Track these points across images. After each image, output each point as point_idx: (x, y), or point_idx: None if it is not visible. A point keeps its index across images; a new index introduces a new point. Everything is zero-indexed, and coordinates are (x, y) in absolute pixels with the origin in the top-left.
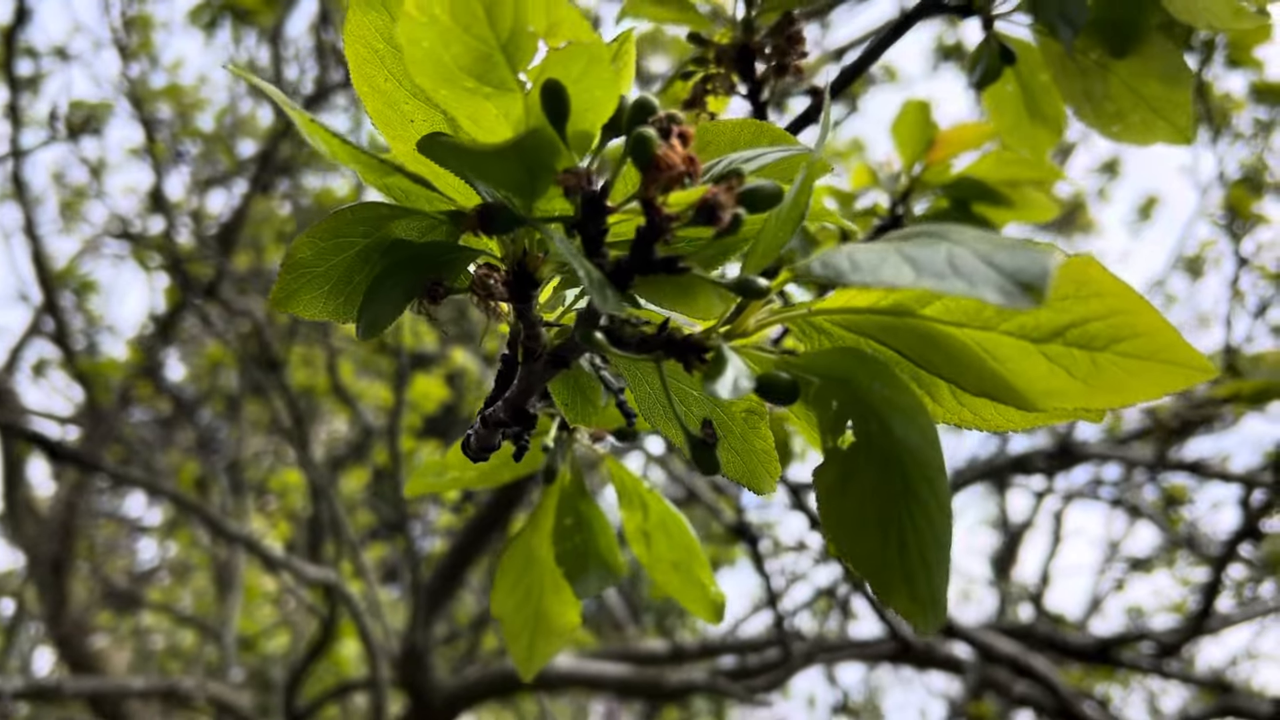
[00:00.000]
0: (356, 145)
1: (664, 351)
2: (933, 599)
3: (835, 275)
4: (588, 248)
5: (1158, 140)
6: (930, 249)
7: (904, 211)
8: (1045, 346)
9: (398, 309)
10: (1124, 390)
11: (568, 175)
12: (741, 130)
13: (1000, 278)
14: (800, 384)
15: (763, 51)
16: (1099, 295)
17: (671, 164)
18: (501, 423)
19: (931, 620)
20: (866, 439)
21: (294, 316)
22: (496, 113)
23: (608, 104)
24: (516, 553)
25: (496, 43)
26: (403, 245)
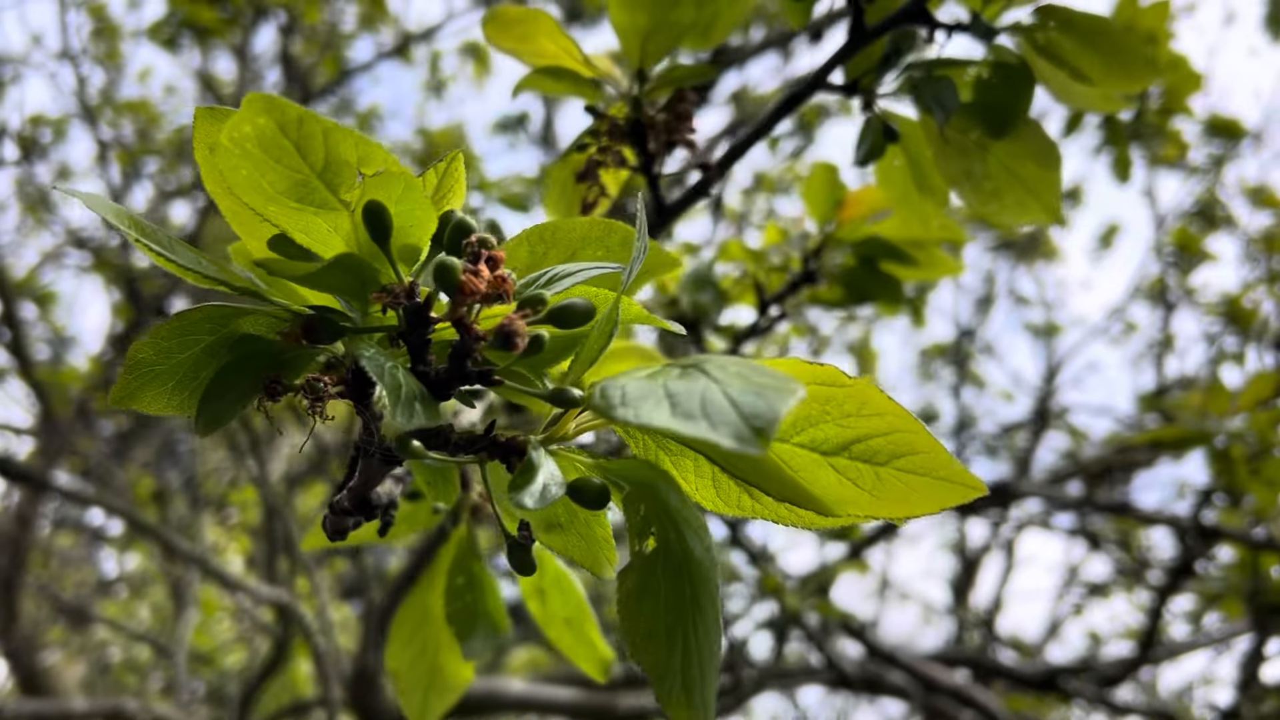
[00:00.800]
0: (186, 265)
1: (488, 453)
2: (705, 707)
3: (607, 408)
4: (413, 356)
5: (1031, 220)
6: (690, 385)
7: (816, 267)
8: (834, 459)
9: (238, 405)
10: (906, 502)
11: (382, 294)
12: (591, 228)
13: (738, 421)
14: (613, 489)
15: (654, 126)
16: (879, 414)
17: (475, 289)
18: (347, 511)
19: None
20: (665, 547)
21: None
22: (327, 227)
23: (428, 223)
24: (412, 608)
25: (312, 172)
26: (249, 340)
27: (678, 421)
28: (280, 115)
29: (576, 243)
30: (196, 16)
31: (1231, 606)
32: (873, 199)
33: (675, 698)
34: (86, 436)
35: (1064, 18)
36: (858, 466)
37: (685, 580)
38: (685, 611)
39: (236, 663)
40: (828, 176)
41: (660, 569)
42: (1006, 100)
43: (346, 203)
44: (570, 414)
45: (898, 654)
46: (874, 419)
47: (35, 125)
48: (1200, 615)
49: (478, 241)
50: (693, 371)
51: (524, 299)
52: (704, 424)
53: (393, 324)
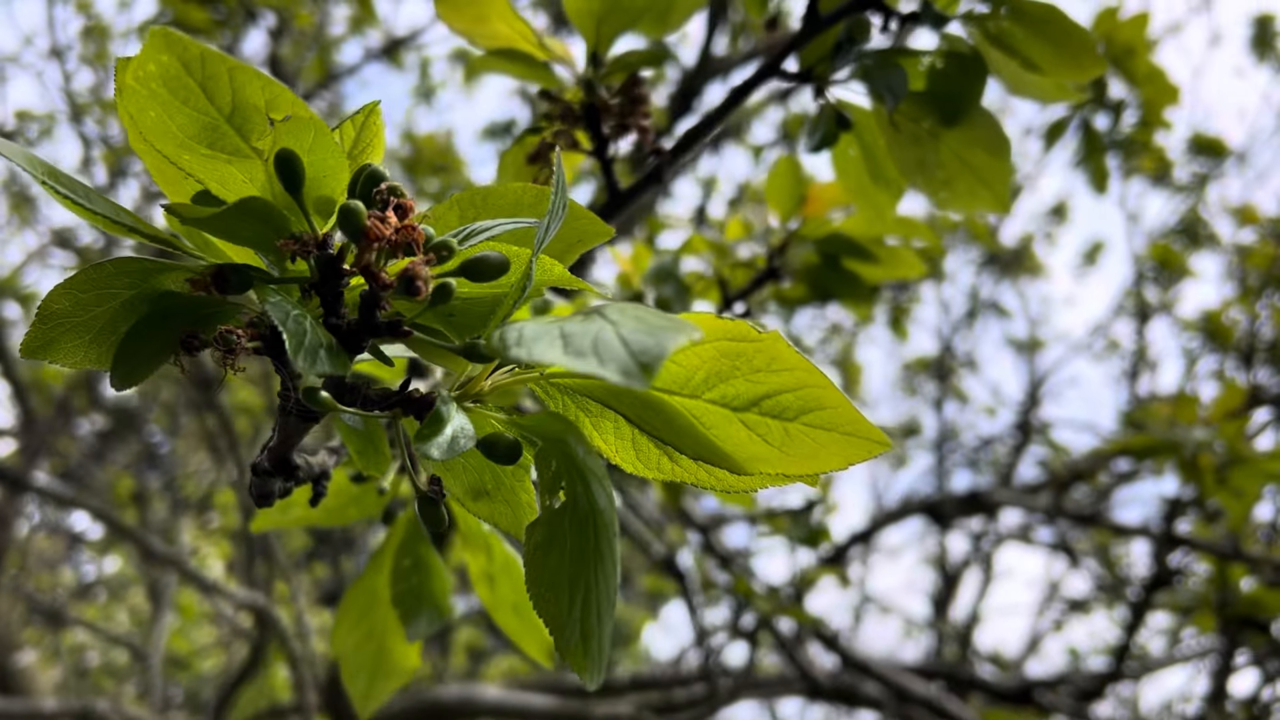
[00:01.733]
0: (97, 211)
1: (403, 409)
2: (600, 654)
3: (502, 349)
4: (326, 308)
5: (979, 208)
6: (585, 326)
7: (780, 264)
8: (744, 415)
9: (155, 361)
10: (815, 458)
11: (289, 241)
12: (523, 195)
13: (626, 358)
14: (525, 444)
15: (608, 110)
16: (789, 369)
17: (380, 235)
18: (268, 471)
19: (598, 674)
20: (573, 500)
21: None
22: (242, 177)
23: (342, 173)
24: (360, 592)
25: (220, 116)
26: (170, 297)
27: (568, 358)
28: (183, 52)
29: (509, 209)
30: (187, 17)
31: (1203, 620)
32: (835, 195)
33: (574, 647)
34: (67, 436)
35: (1015, 6)
36: (767, 422)
37: (590, 530)
38: (588, 561)
39: (214, 667)
40: (791, 172)
41: (567, 521)
42: (959, 89)
43: (259, 150)
44: (484, 370)
45: (871, 664)
46: (783, 374)
47: (21, 120)
48: (1178, 631)
49: (387, 190)
50: (593, 315)
51: (429, 246)
52: (593, 360)
53: (304, 275)
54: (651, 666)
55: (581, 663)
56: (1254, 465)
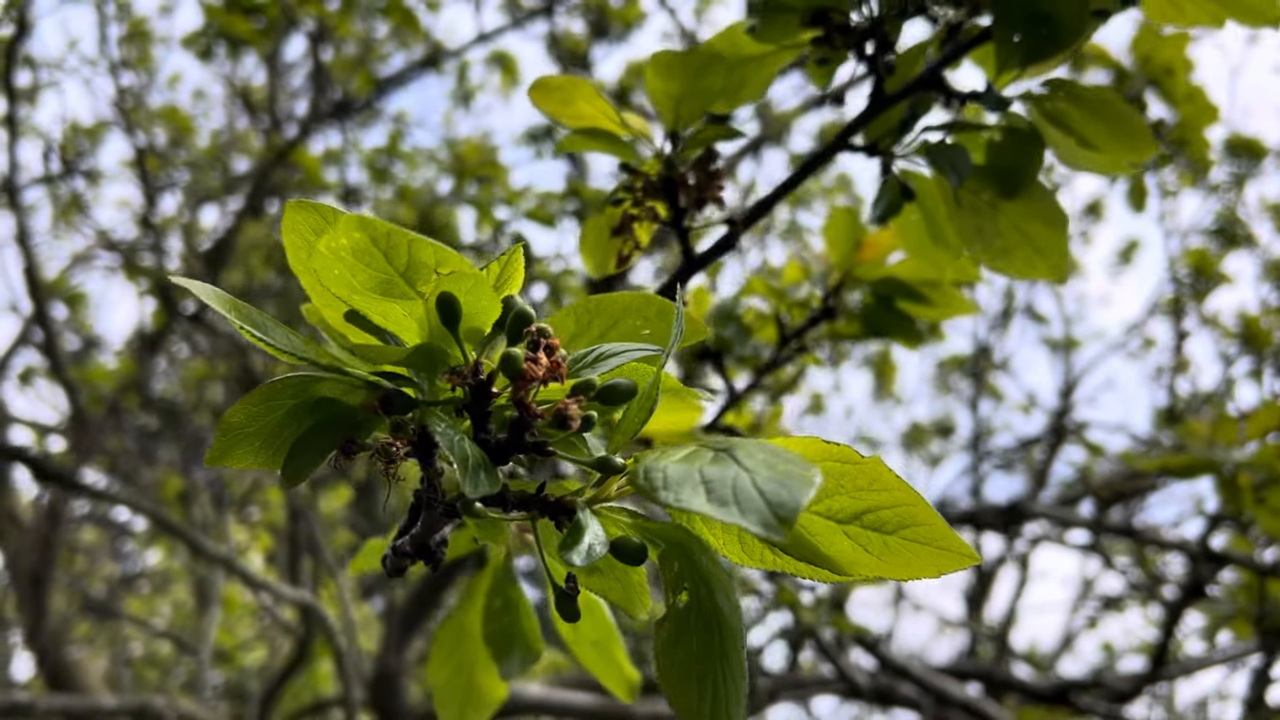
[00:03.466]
0: (278, 346)
1: (539, 511)
2: None
3: (651, 490)
4: (475, 425)
5: (1037, 276)
6: (723, 471)
7: (835, 304)
8: (847, 527)
9: (317, 462)
10: (909, 567)
11: (453, 375)
12: (631, 301)
13: (765, 509)
14: (650, 547)
15: (686, 184)
16: (887, 489)
17: (535, 375)
18: (408, 555)
19: None
20: (696, 601)
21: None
22: (403, 312)
23: (492, 311)
24: (451, 627)
25: (396, 272)
26: (327, 404)
27: (713, 508)
28: (372, 231)
29: (618, 313)
30: (231, 28)
31: (1240, 627)
32: (890, 242)
33: None
34: (116, 435)
35: (1072, 90)
36: (868, 534)
37: (714, 632)
38: (714, 660)
39: (256, 661)
40: (848, 219)
41: (692, 621)
42: (1017, 164)
43: (422, 294)
44: (613, 479)
45: (909, 666)
46: (882, 493)
47: (75, 134)
48: (1214, 632)
49: (536, 331)
50: (724, 457)
51: (576, 385)
52: (735, 510)
53: (457, 397)
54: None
55: None
56: None
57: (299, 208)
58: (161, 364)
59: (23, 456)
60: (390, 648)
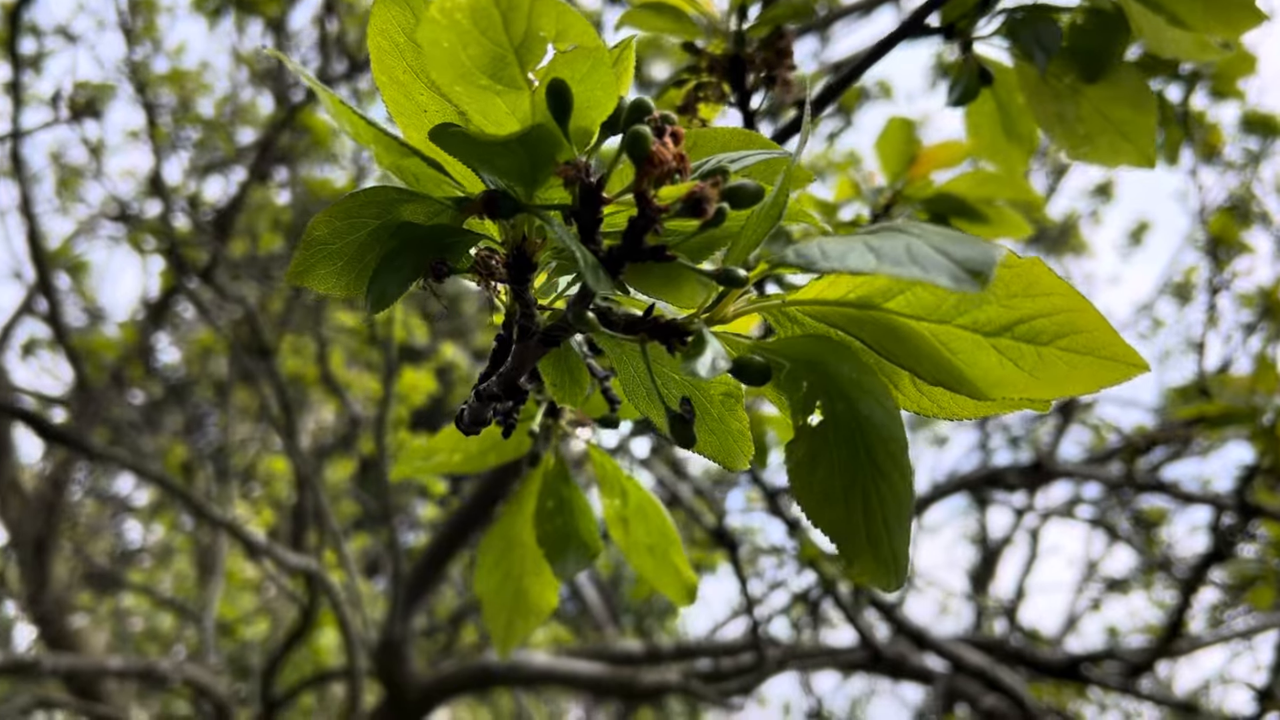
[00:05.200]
0: (379, 127)
1: (648, 334)
2: (895, 559)
3: (807, 263)
4: (583, 235)
5: (1123, 162)
6: (892, 240)
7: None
8: (996, 340)
9: (404, 285)
10: (1066, 382)
11: (568, 167)
12: (731, 137)
13: (952, 265)
14: (773, 366)
15: (753, 63)
16: (1046, 294)
17: (664, 159)
18: (494, 396)
19: (895, 578)
20: (833, 417)
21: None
22: (505, 108)
23: (607, 103)
24: (498, 535)
25: (510, 45)
26: (410, 227)
27: (887, 266)
28: None
29: (717, 149)
30: None
31: (1262, 595)
32: (945, 156)
33: (860, 552)
34: (119, 405)
35: None
36: (1019, 347)
37: (859, 445)
38: (862, 471)
39: (257, 634)
40: (903, 132)
41: (831, 436)
42: (1100, 45)
43: (531, 81)
44: (731, 296)
45: (926, 634)
46: (1040, 299)
47: (83, 89)
48: (1221, 611)
49: (660, 118)
50: (888, 231)
51: (708, 170)
52: (916, 268)
53: (563, 202)
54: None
55: (871, 568)
56: None
57: (389, 4)
58: (166, 334)
59: (27, 416)
60: (396, 617)
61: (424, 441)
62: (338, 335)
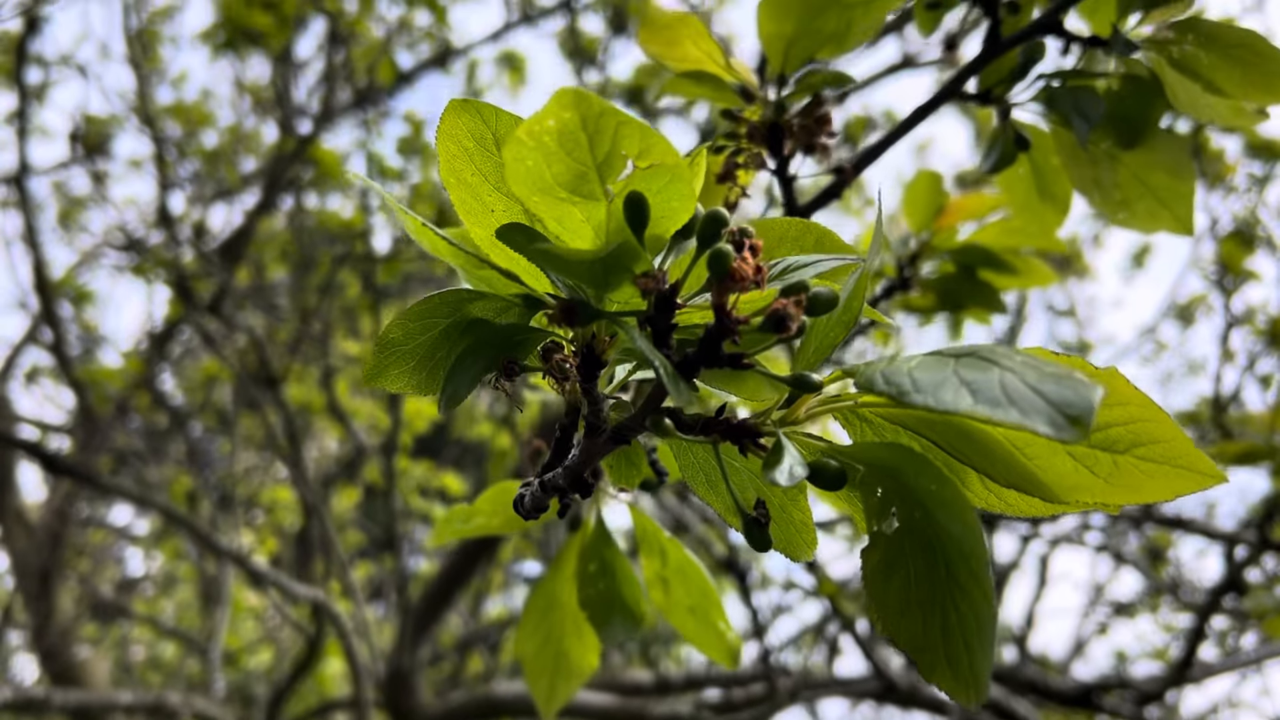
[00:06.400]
0: (460, 247)
1: (721, 435)
2: (975, 679)
3: (898, 394)
4: (656, 339)
5: (1161, 229)
6: (984, 373)
7: (911, 274)
8: (1071, 447)
9: (475, 383)
10: (1141, 490)
11: (647, 279)
12: (788, 228)
13: (1050, 409)
14: (848, 471)
15: (791, 130)
16: (1122, 404)
17: (744, 275)
18: (560, 488)
19: (975, 695)
20: (910, 526)
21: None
22: (581, 216)
23: (683, 214)
24: (539, 596)
25: (593, 163)
26: (481, 325)
27: (983, 408)
28: (585, 109)
29: (774, 241)
30: (250, 21)
31: (1276, 625)
32: (973, 207)
33: (939, 670)
34: (123, 434)
35: (1205, 31)
36: (1095, 454)
37: (938, 557)
38: (941, 587)
39: (261, 664)
40: (931, 184)
41: (907, 546)
42: (1137, 112)
43: (609, 192)
44: (803, 400)
45: None
46: (1117, 408)
47: (91, 125)
48: (1228, 636)
49: (739, 231)
50: (975, 360)
51: (789, 286)
52: (1014, 411)
53: (639, 309)
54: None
55: (950, 685)
56: None
57: (461, 109)
58: (170, 363)
59: (33, 449)
60: (404, 646)
61: (458, 507)
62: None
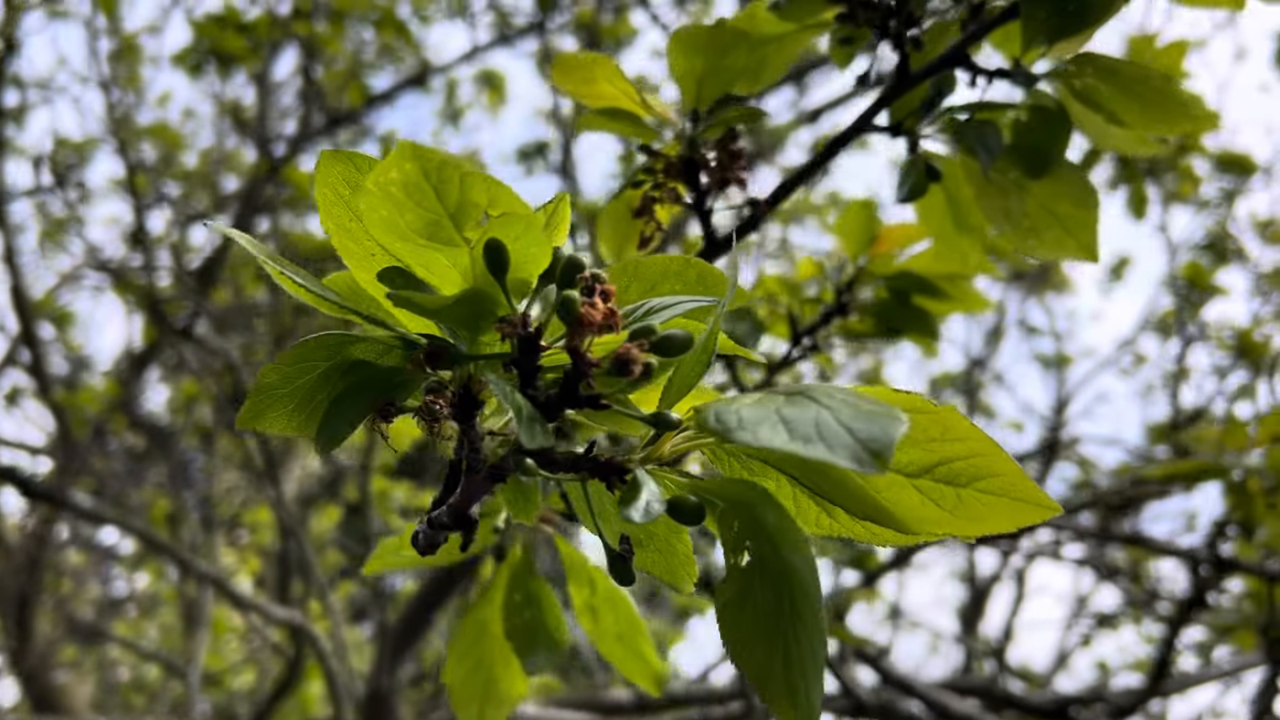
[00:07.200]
0: (318, 293)
1: (589, 472)
2: (810, 706)
3: (725, 431)
4: (523, 380)
5: (1067, 256)
6: (804, 410)
7: (849, 300)
8: (917, 481)
9: (353, 426)
10: (984, 521)
11: (504, 324)
12: (670, 264)
13: (855, 445)
14: (707, 506)
15: (707, 165)
16: (961, 439)
17: (592, 320)
18: (445, 525)
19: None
20: (761, 560)
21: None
22: (446, 261)
23: (542, 259)
24: (469, 625)
25: (444, 212)
26: (363, 366)
27: (796, 444)
28: (425, 161)
29: (656, 276)
30: (223, 44)
31: (1244, 638)
32: (906, 234)
33: (779, 699)
34: (102, 456)
35: (1104, 65)
36: (940, 488)
37: (784, 591)
38: (784, 619)
39: (244, 684)
40: (864, 212)
41: (757, 580)
42: (1044, 142)
43: (468, 240)
44: (667, 437)
45: (913, 683)
46: (956, 444)
47: (63, 150)
48: (1210, 647)
49: (591, 277)
50: (800, 399)
51: (636, 330)
52: (821, 446)
53: (503, 352)
54: (680, 683)
55: (789, 713)
56: None
57: (333, 159)
58: (149, 385)
59: (11, 475)
60: (382, 668)
61: (395, 538)
62: None
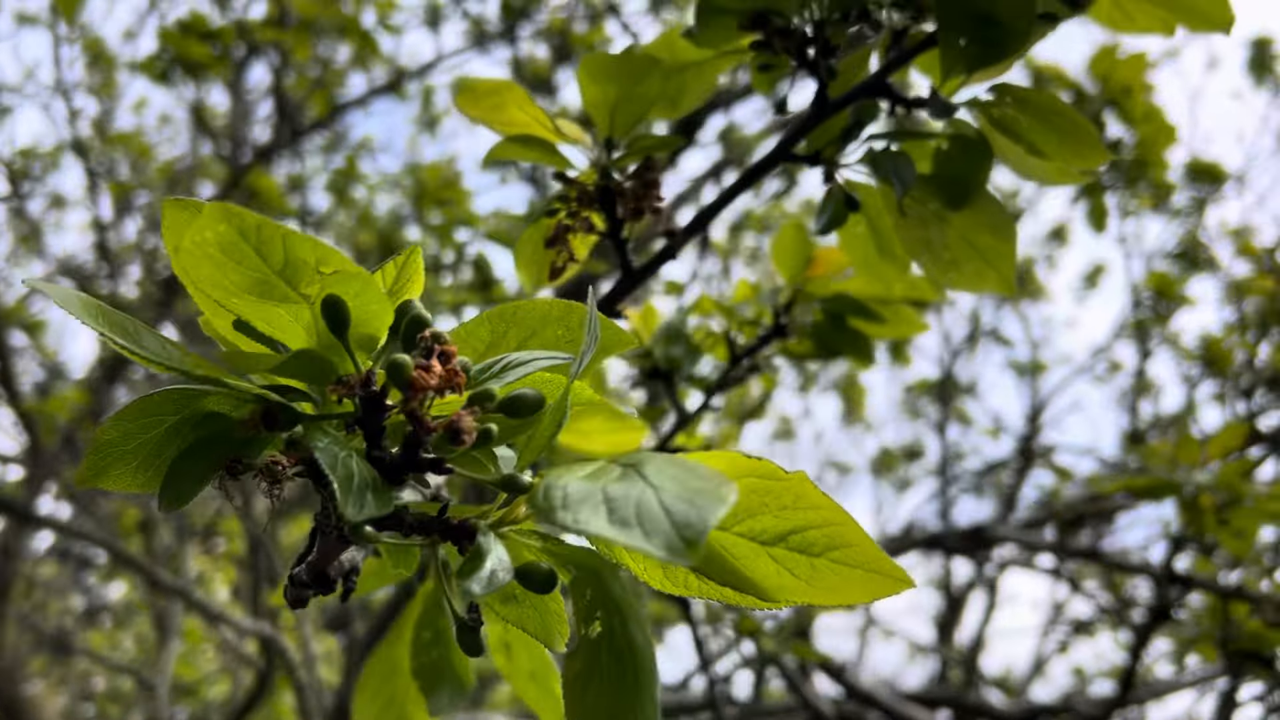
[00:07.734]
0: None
1: (440, 535)
2: None
3: (549, 510)
4: (369, 441)
5: (987, 289)
6: (629, 488)
7: (787, 322)
8: (772, 549)
9: (200, 484)
10: (839, 592)
11: (339, 385)
12: (551, 309)
13: (671, 531)
14: (561, 572)
15: (623, 194)
16: (814, 508)
17: (426, 385)
18: (305, 584)
19: None
20: (609, 632)
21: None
22: (288, 317)
23: (385, 315)
24: (379, 662)
25: (272, 271)
26: (213, 419)
27: (614, 530)
28: (240, 222)
29: (537, 322)
30: (188, 52)
31: (1206, 651)
32: (841, 259)
33: None
34: (72, 465)
35: (1019, 96)
36: (794, 556)
37: (629, 666)
38: (628, 693)
39: (220, 694)
40: (797, 235)
41: (604, 655)
42: (965, 173)
43: (306, 296)
44: (520, 499)
45: (876, 694)
46: (809, 512)
47: (26, 158)
48: (1183, 655)
49: (431, 336)
50: (631, 473)
51: (473, 395)
52: (638, 532)
53: (348, 411)
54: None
55: None
56: (1255, 506)
57: (175, 206)
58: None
59: None
60: (352, 679)
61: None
62: None
